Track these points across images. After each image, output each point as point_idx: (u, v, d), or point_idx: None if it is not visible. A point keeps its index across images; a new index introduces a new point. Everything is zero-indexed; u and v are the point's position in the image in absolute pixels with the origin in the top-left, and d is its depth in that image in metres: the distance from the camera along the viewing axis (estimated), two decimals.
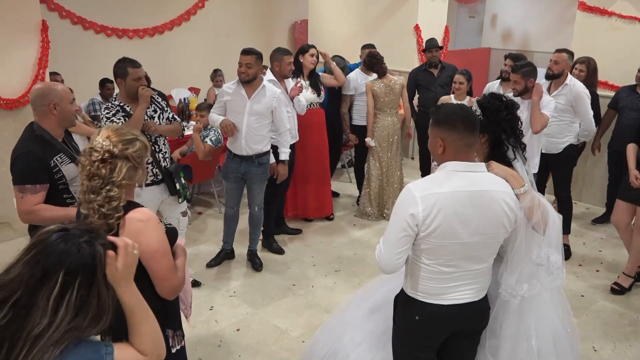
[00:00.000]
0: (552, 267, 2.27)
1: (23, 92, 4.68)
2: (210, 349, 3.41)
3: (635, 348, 3.48)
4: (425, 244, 2.01)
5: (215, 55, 8.14)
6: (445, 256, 2.02)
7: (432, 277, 2.06)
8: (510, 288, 2.21)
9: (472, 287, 2.10)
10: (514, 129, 2.34)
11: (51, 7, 6.74)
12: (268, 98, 4.11)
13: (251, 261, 4.50)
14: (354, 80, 5.48)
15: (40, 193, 2.60)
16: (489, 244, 2.06)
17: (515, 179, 2.11)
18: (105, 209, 1.83)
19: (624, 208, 4.07)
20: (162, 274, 1.92)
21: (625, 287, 4.09)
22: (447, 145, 2.02)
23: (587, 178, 5.83)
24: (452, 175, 2.00)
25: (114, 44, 7.41)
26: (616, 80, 5.44)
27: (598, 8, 5.49)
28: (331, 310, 3.83)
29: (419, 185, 2.01)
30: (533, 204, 2.11)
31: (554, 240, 2.27)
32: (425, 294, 2.09)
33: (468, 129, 2.00)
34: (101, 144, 1.86)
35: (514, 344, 2.28)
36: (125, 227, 1.86)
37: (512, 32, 10.09)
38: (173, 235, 2.10)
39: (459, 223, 1.96)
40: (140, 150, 1.93)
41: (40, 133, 2.65)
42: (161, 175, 3.67)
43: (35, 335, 1.25)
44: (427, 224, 1.95)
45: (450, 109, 2.08)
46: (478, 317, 2.18)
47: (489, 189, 2.02)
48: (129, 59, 3.55)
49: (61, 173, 2.66)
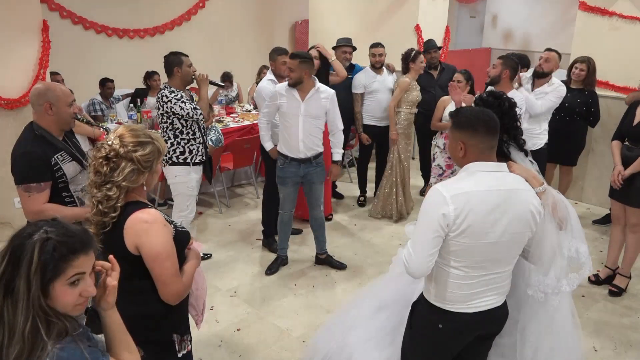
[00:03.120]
0: (582, 257, 2.28)
1: (24, 92, 4.68)
2: (211, 348, 3.41)
3: (636, 348, 3.48)
4: (454, 245, 1.98)
5: (216, 55, 8.15)
6: (473, 257, 2.00)
7: (458, 283, 2.03)
8: (549, 287, 2.19)
9: (496, 292, 2.09)
10: (515, 125, 2.38)
11: (52, 7, 6.74)
12: (322, 100, 4.05)
13: (329, 263, 4.50)
14: (363, 78, 5.46)
15: (46, 191, 2.60)
16: (516, 244, 2.05)
17: (534, 179, 2.12)
18: (103, 206, 1.84)
19: (617, 206, 4.07)
20: (164, 278, 1.88)
21: (622, 287, 4.09)
22: (468, 149, 2.02)
23: (587, 178, 5.83)
24: (478, 175, 2.00)
25: (114, 43, 7.41)
26: (616, 80, 5.43)
27: (599, 8, 5.49)
28: (332, 310, 3.83)
29: (448, 185, 1.99)
30: (555, 200, 2.12)
31: (577, 232, 2.26)
32: (451, 302, 2.07)
33: (490, 132, 2.01)
34: (111, 141, 1.86)
35: (539, 341, 2.29)
36: (130, 227, 1.85)
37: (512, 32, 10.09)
38: (184, 239, 2.05)
39: (489, 222, 1.95)
40: (151, 155, 1.89)
41: (40, 132, 2.64)
42: (205, 157, 4.13)
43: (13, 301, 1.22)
44: (457, 223, 1.93)
45: (471, 112, 2.07)
46: (498, 322, 2.18)
47: (516, 187, 2.02)
48: (177, 51, 4.00)
49: (62, 171, 2.66)
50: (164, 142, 2.01)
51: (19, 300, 1.21)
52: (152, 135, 1.95)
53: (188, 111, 3.86)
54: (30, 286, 1.22)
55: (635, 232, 3.96)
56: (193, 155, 4.03)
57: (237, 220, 5.46)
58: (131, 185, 1.87)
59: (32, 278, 1.22)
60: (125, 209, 1.88)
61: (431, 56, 5.63)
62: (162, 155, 1.96)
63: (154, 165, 1.93)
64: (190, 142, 4.01)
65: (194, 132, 4.01)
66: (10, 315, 1.21)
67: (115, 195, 1.84)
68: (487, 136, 2.00)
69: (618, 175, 3.89)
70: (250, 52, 8.68)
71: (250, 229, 5.21)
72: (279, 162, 4.23)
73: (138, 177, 1.88)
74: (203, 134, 4.12)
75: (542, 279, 2.20)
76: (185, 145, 3.99)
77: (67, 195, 2.70)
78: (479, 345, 2.23)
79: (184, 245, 2.07)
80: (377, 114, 5.49)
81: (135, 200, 1.92)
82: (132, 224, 1.84)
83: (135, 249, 1.87)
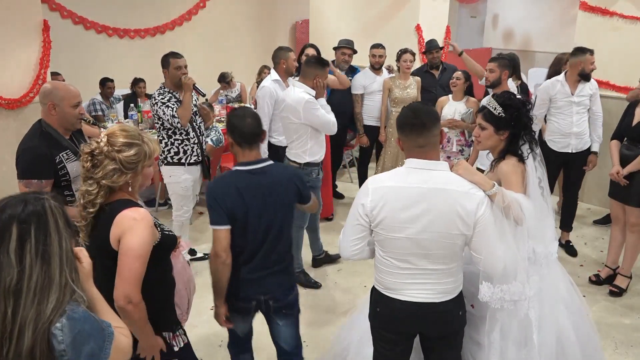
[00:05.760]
0: (539, 257, 2.30)
1: (24, 92, 4.68)
2: (211, 348, 3.41)
3: (637, 348, 3.47)
4: (377, 235, 2.11)
5: (216, 55, 8.15)
6: (395, 250, 2.08)
7: (389, 271, 2.13)
8: (516, 295, 2.20)
9: (430, 287, 2.10)
10: (530, 125, 2.42)
11: (52, 7, 6.74)
12: None
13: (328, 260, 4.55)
14: (363, 79, 5.47)
15: (46, 189, 2.60)
16: (444, 243, 2.04)
17: (483, 181, 2.10)
18: (84, 200, 1.88)
19: (617, 206, 4.07)
20: (124, 274, 1.83)
21: (623, 288, 4.08)
22: (404, 146, 2.13)
23: (588, 178, 5.82)
24: (408, 171, 2.07)
25: (115, 44, 7.41)
26: (617, 80, 5.43)
27: (599, 8, 5.48)
28: (332, 310, 3.83)
29: (377, 177, 2.13)
30: (506, 202, 2.13)
31: (535, 232, 2.29)
32: (385, 287, 2.16)
33: (414, 131, 2.06)
34: (101, 139, 1.88)
35: (516, 347, 2.29)
36: (118, 222, 1.86)
37: (513, 32, 10.09)
38: (170, 242, 2.07)
39: (405, 218, 2.01)
40: (135, 157, 1.90)
41: (47, 130, 2.68)
42: (201, 157, 4.16)
43: (13, 290, 1.27)
44: (374, 214, 2.06)
45: (404, 112, 2.15)
46: (441, 320, 2.15)
47: (443, 187, 2.03)
48: (173, 52, 4.03)
49: (66, 170, 2.68)
50: (157, 143, 2.02)
51: (53, 255, 1.32)
52: (145, 138, 1.95)
53: (168, 117, 3.88)
54: (61, 241, 1.34)
55: (635, 231, 3.96)
56: (187, 156, 4.05)
57: None
58: (111, 185, 1.88)
59: (62, 232, 1.34)
60: (115, 206, 1.89)
61: (432, 56, 5.63)
62: (150, 158, 1.95)
63: (138, 167, 1.92)
64: (184, 143, 4.02)
65: (187, 133, 4.02)
66: (44, 273, 1.30)
67: (95, 191, 1.87)
68: (412, 135, 2.07)
69: (617, 174, 3.89)
70: (250, 52, 8.68)
71: None
72: (313, 173, 3.92)
73: (119, 177, 1.89)
74: (199, 134, 4.13)
75: (507, 288, 2.19)
76: (179, 145, 4.02)
77: (69, 194, 2.72)
78: (437, 348, 2.24)
79: (170, 248, 2.09)
80: (376, 114, 5.52)
81: (126, 199, 1.93)
82: (121, 220, 1.86)
83: (117, 244, 1.87)
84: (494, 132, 2.40)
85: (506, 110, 2.35)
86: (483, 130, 2.43)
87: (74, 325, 1.28)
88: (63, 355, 1.26)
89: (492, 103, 2.40)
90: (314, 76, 3.76)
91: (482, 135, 2.45)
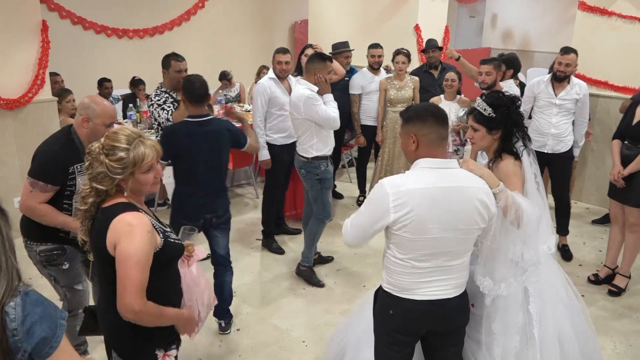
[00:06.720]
0: (526, 264, 2.30)
1: (23, 92, 4.68)
2: (211, 348, 3.41)
3: (636, 348, 3.48)
4: (397, 238, 2.04)
5: (216, 55, 8.15)
6: (417, 251, 2.04)
7: (405, 272, 2.08)
8: (487, 289, 2.25)
9: (446, 283, 2.10)
10: (521, 121, 2.43)
11: (51, 7, 6.74)
12: None
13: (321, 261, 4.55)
14: (361, 79, 5.47)
15: (48, 193, 2.64)
16: (463, 239, 2.06)
17: (491, 178, 2.13)
18: (80, 195, 1.92)
19: (616, 206, 4.07)
20: (124, 283, 1.77)
21: (622, 287, 4.08)
22: (420, 140, 2.06)
23: (587, 178, 5.83)
24: (424, 171, 2.04)
25: (114, 44, 7.42)
26: (616, 80, 5.44)
27: (598, 8, 5.49)
28: (332, 310, 3.83)
29: (393, 181, 2.03)
30: (507, 203, 2.14)
31: (529, 238, 2.29)
32: (399, 288, 2.11)
33: (438, 121, 2.06)
34: (99, 140, 1.90)
35: (506, 339, 2.30)
36: (114, 227, 1.82)
37: (512, 32, 10.10)
38: (175, 250, 2.00)
39: (430, 219, 1.98)
40: (119, 163, 1.84)
41: (73, 137, 2.71)
42: None
43: None
44: (398, 219, 1.98)
45: (419, 106, 2.17)
46: (452, 314, 2.16)
47: (461, 184, 2.04)
48: (175, 53, 4.02)
49: (75, 182, 2.69)
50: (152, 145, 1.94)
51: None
52: (138, 143, 1.88)
53: (162, 120, 3.87)
54: (0, 228, 1.34)
55: (634, 231, 3.96)
56: None
57: (236, 220, 5.44)
58: (99, 187, 1.86)
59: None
60: (112, 210, 1.86)
61: (430, 56, 5.63)
62: (138, 165, 1.87)
63: (125, 173, 1.86)
64: None
65: None
66: None
67: (87, 189, 1.88)
68: (436, 125, 2.05)
69: (618, 173, 3.89)
70: (249, 52, 8.68)
71: (250, 229, 5.21)
72: (321, 166, 3.94)
73: (106, 181, 1.85)
74: None
75: (482, 281, 2.26)
76: None
77: (67, 204, 2.73)
78: (443, 342, 2.23)
79: (174, 257, 2.02)
80: (375, 114, 5.52)
81: (126, 203, 1.89)
82: (116, 225, 1.82)
83: (113, 250, 1.82)
84: (487, 132, 2.42)
85: (496, 110, 2.37)
86: (476, 131, 2.45)
87: (25, 306, 1.29)
88: (15, 335, 1.26)
89: (482, 104, 2.41)
90: (314, 71, 3.78)
91: (475, 137, 2.47)
